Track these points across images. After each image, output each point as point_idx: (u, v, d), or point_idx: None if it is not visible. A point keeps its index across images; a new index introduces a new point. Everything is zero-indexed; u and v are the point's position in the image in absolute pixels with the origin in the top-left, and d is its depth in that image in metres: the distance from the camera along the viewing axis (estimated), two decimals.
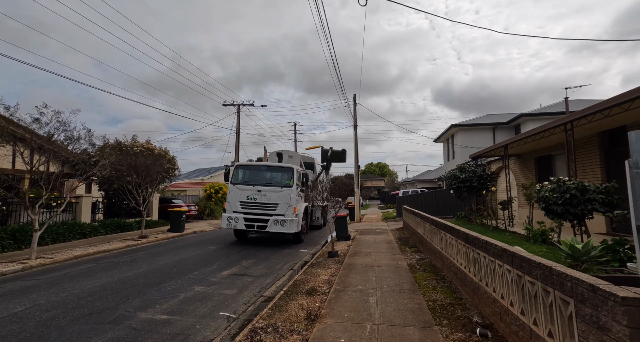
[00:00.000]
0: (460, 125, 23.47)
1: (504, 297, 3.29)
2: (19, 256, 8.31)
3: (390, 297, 4.86)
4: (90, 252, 9.24)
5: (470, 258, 4.46)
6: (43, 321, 4.15)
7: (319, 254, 8.90)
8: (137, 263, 7.73)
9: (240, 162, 12.05)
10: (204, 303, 4.95)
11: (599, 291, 1.86)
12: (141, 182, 12.02)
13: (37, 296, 5.17)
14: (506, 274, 3.24)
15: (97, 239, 11.63)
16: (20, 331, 3.86)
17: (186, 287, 5.74)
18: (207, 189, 22.00)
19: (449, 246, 5.70)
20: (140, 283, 5.93)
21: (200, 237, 12.94)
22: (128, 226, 13.74)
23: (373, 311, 4.28)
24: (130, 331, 3.89)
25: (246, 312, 4.69)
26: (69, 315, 4.37)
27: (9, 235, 8.87)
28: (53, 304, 4.79)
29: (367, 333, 3.59)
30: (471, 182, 12.45)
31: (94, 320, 4.19)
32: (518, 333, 2.95)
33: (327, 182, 14.54)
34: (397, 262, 7.32)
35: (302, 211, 11.17)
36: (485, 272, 3.84)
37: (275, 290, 5.79)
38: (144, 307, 4.68)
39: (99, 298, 5.07)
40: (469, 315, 3.99)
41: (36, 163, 8.03)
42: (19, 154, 8.23)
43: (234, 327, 4.14)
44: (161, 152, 16.05)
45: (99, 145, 13.41)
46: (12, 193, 9.97)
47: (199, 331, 3.97)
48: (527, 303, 2.79)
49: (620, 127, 8.35)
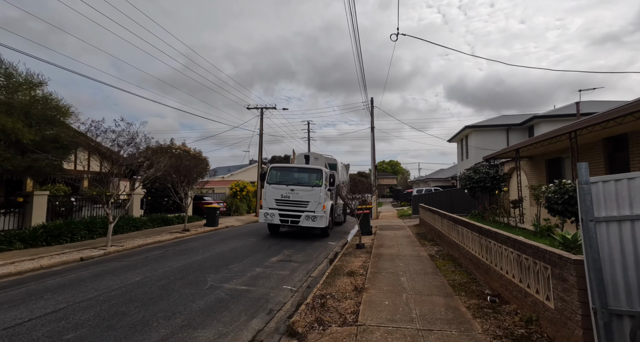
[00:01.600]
0: (474, 126, 24.21)
1: (508, 272, 4.46)
2: (94, 244, 9.83)
3: (417, 277, 6.06)
4: (148, 242, 10.73)
5: (483, 246, 5.61)
6: (160, 287, 5.55)
7: (347, 246, 10.15)
8: (197, 251, 9.15)
9: (274, 164, 13.37)
10: (268, 280, 6.26)
11: (563, 258, 3.03)
12: (181, 182, 13.49)
13: (140, 272, 6.60)
14: (510, 256, 4.40)
15: (147, 231, 13.19)
16: (149, 292, 5.24)
17: (248, 268, 7.07)
18: (232, 187, 23.52)
19: (465, 238, 6.84)
20: (211, 265, 7.31)
21: (235, 231, 14.36)
22: (169, 220, 15.30)
23: (405, 286, 5.50)
24: (225, 295, 5.23)
25: (302, 287, 5.98)
26: (175, 284, 5.75)
27: (83, 226, 10.44)
28: (157, 277, 6.20)
29: (404, 299, 4.82)
30: (484, 182, 13.45)
31: (194, 288, 5.56)
32: (517, 296, 4.11)
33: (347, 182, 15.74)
34: (418, 253, 8.49)
35: (329, 208, 12.42)
36: (495, 255, 5.00)
37: (319, 273, 7.06)
38: (225, 281, 6.02)
39: (187, 274, 6.45)
40: (482, 289, 5.16)
41: (105, 167, 9.51)
42: (94, 159, 9.72)
43: (297, 296, 5.43)
44: (195, 154, 17.56)
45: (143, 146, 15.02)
46: (78, 191, 11.58)
47: (274, 297, 5.27)
48: (523, 273, 3.96)
49: (622, 134, 9.25)
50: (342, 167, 18.02)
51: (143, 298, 4.99)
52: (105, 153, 10.41)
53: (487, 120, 25.82)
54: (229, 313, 4.49)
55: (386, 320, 4.01)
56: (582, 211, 2.74)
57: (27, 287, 5.61)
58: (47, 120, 8.26)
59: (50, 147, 8.37)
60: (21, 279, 6.20)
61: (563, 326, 3.03)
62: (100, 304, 4.69)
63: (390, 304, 4.61)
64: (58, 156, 8.64)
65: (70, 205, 11.61)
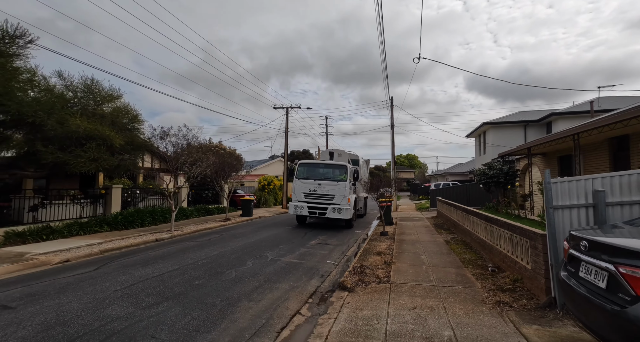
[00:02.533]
0: (492, 123, 24.90)
1: (504, 249, 5.85)
2: (159, 229, 11.78)
3: (434, 255, 7.51)
4: (200, 228, 12.61)
5: (488, 231, 6.98)
6: (235, 258, 7.29)
7: (372, 233, 11.65)
8: (246, 235, 10.91)
9: (303, 161, 14.80)
10: (313, 256, 7.88)
11: (535, 233, 4.42)
12: (222, 177, 15.33)
13: (214, 248, 8.39)
14: (505, 236, 5.78)
15: (195, 219, 15.16)
16: (229, 261, 6.96)
17: (295, 249, 8.72)
18: (261, 181, 25.41)
19: (475, 225, 8.20)
20: (264, 245, 9.02)
21: (269, 221, 16.14)
22: (211, 210, 17.28)
23: (424, 261, 6.96)
24: (285, 265, 6.88)
25: (341, 262, 7.55)
26: (244, 257, 7.47)
27: (148, 214, 12.43)
28: (229, 252, 7.95)
29: (423, 269, 6.29)
30: (498, 178, 14.54)
31: (260, 260, 7.24)
32: (510, 265, 5.52)
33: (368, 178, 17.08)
34: (435, 239, 9.90)
35: (353, 201, 13.73)
36: (496, 237, 6.38)
37: (352, 253, 8.62)
38: (281, 256, 7.69)
39: (250, 251, 8.17)
40: (486, 263, 6.56)
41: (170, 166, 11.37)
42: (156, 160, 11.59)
43: (338, 267, 7.01)
44: (231, 152, 19.46)
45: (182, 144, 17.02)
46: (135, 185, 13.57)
47: (321, 268, 6.87)
48: (514, 248, 5.35)
49: (625, 135, 10.21)
50: (363, 163, 19.35)
51: (227, 264, 6.72)
52: (159, 153, 12.29)
53: (504, 117, 26.36)
54: (293, 276, 6.12)
55: (411, 280, 5.52)
56: (546, 201, 4.13)
57: (136, 257, 7.47)
58: (127, 127, 10.15)
59: (129, 149, 10.26)
60: (126, 252, 8.10)
61: (535, 279, 4.44)
62: (200, 267, 6.44)
63: (413, 272, 6.11)
64: (135, 156, 10.54)
65: (135, 196, 13.65)
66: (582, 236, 2.74)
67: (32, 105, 7.89)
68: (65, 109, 8.65)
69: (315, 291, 5.36)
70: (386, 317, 3.98)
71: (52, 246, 8.25)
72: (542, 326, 3.57)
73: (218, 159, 15.25)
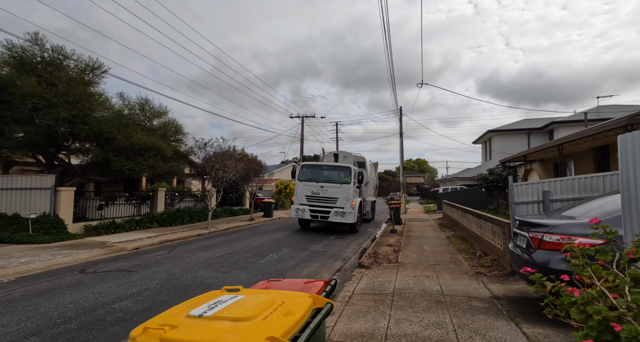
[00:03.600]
0: (497, 130, 26.20)
1: (488, 237, 7.40)
2: (196, 226, 13.62)
3: (435, 246, 9.08)
4: (231, 226, 14.42)
5: (479, 225, 8.53)
6: (272, 247, 9.03)
7: (382, 231, 13.23)
8: (273, 232, 12.65)
9: (305, 162, 14.40)
10: (334, 247, 9.53)
11: (505, 222, 6.01)
12: (246, 181, 17.15)
13: (251, 240, 10.14)
14: (489, 227, 7.34)
15: (224, 219, 17.01)
16: (268, 249, 8.68)
17: (318, 241, 10.40)
18: (278, 185, 27.25)
19: (470, 222, 9.73)
20: (293, 239, 10.73)
21: (288, 221, 17.84)
22: (235, 211, 19.15)
23: (426, 250, 8.55)
24: (312, 252, 8.57)
25: (358, 251, 9.18)
26: (280, 246, 9.19)
27: (186, 214, 14.33)
28: (266, 243, 9.68)
29: (425, 255, 7.88)
30: (497, 182, 15.95)
31: (291, 249, 8.94)
32: (492, 249, 7.07)
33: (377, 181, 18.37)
34: (438, 235, 11.44)
35: (357, 205, 12.79)
36: (484, 229, 7.93)
37: (367, 245, 10.23)
38: (308, 246, 9.38)
39: (281, 242, 9.88)
40: (475, 251, 8.11)
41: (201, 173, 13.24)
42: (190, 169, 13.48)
43: (356, 255, 8.64)
44: (252, 158, 21.34)
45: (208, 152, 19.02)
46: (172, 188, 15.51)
47: (342, 254, 8.52)
48: (494, 236, 6.91)
49: (605, 145, 11.61)
50: (370, 166, 20.49)
51: (268, 250, 8.45)
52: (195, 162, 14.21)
53: (509, 125, 27.60)
54: (321, 259, 7.80)
55: (414, 261, 7.13)
56: (510, 198, 5.72)
57: (193, 245, 9.25)
58: (174, 138, 12.09)
59: (175, 157, 12.18)
60: (179, 242, 9.91)
61: (504, 256, 6.01)
62: (248, 251, 8.19)
63: (416, 256, 7.71)
64: (180, 163, 12.46)
65: (174, 198, 15.59)
66: (517, 218, 4.35)
67: (107, 124, 9.84)
68: (130, 125, 10.59)
69: (340, 269, 7.02)
70: (395, 281, 5.61)
71: (121, 237, 10.14)
72: (502, 284, 5.15)
73: (247, 166, 17.13)
